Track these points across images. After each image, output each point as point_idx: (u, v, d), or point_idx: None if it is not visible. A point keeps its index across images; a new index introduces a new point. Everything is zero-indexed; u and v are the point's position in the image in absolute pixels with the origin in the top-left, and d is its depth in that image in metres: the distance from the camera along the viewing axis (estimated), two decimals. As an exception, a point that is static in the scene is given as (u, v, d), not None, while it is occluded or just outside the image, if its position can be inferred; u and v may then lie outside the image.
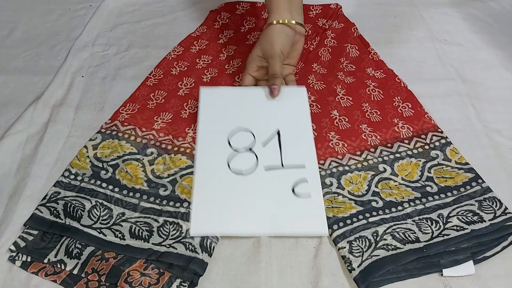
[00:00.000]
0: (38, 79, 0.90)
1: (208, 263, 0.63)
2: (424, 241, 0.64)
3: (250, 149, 0.73)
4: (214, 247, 0.64)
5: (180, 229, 0.66)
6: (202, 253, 0.63)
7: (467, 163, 0.74)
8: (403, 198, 0.70)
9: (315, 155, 0.73)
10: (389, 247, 0.63)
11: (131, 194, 0.70)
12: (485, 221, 0.65)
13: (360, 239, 0.65)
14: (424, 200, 0.70)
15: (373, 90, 0.87)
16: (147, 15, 1.06)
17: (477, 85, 0.90)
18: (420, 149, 0.77)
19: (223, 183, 0.70)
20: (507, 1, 1.11)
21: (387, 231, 0.65)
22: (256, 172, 0.71)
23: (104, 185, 0.71)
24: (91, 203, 0.68)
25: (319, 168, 0.73)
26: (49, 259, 0.62)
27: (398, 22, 1.05)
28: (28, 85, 0.89)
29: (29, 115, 0.82)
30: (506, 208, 0.67)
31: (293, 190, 0.69)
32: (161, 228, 0.66)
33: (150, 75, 0.89)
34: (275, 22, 0.77)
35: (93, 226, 0.66)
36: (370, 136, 0.79)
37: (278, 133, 0.75)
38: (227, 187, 0.69)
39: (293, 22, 0.78)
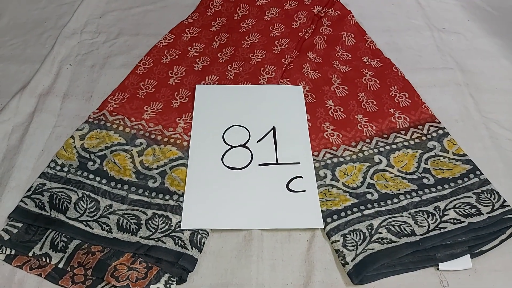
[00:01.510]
0: (24, 68, 0.88)
1: (198, 259, 0.61)
2: (420, 235, 0.62)
3: (245, 145, 0.72)
4: (204, 243, 0.63)
5: (169, 222, 0.64)
6: (192, 248, 0.61)
7: (465, 155, 0.72)
8: (399, 190, 0.68)
9: (311, 152, 0.72)
10: (384, 240, 0.62)
11: (119, 186, 0.68)
12: (483, 214, 0.64)
13: (354, 232, 0.63)
14: (420, 192, 0.68)
15: (370, 80, 0.85)
16: (137, 1, 1.03)
17: (476, 74, 0.88)
18: (417, 140, 0.75)
19: (216, 177, 0.69)
20: (507, -11, 1.09)
21: (382, 224, 0.64)
22: (250, 167, 0.70)
23: (91, 176, 0.69)
24: (78, 195, 0.66)
25: (313, 159, 0.72)
26: (34, 253, 0.61)
27: (396, 10, 1.02)
28: (14, 73, 0.87)
29: (14, 104, 0.79)
30: (504, 201, 0.65)
31: (287, 186, 0.68)
32: (150, 221, 0.64)
33: (140, 63, 0.87)
34: None
35: (79, 218, 0.64)
36: (365, 126, 0.77)
37: (274, 130, 0.74)
38: (220, 182, 0.69)
39: None
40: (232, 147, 0.73)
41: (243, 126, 0.76)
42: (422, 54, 0.91)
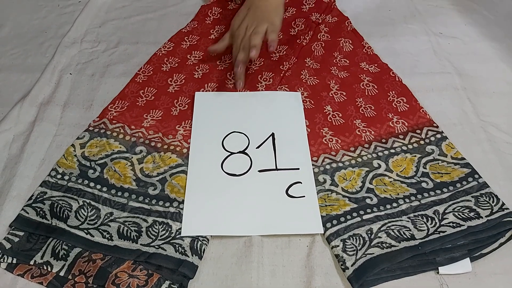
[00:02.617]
0: (25, 77, 0.88)
1: (198, 266, 0.61)
2: (420, 239, 0.62)
3: (244, 151, 0.73)
4: (204, 249, 0.63)
5: (169, 229, 0.64)
6: (192, 256, 0.61)
7: (463, 158, 0.73)
8: (398, 194, 0.68)
9: (310, 158, 0.73)
10: (383, 245, 0.62)
11: (119, 193, 0.69)
12: (482, 217, 0.64)
13: (354, 237, 0.63)
14: (419, 196, 0.68)
15: (367, 85, 0.85)
16: (137, 10, 1.04)
17: (473, 78, 0.88)
18: (415, 144, 0.75)
19: (215, 184, 0.69)
20: (503, -7, 1.10)
21: (381, 229, 0.64)
22: (250, 173, 0.71)
23: (92, 184, 0.69)
24: (78, 203, 0.67)
25: (312, 165, 0.72)
26: (35, 261, 0.61)
27: (393, 15, 1.03)
28: (15, 83, 0.88)
29: (15, 113, 0.80)
30: (503, 204, 0.66)
31: (287, 192, 0.68)
32: (150, 228, 0.64)
33: (140, 71, 0.88)
34: None
35: (80, 226, 0.64)
36: (364, 131, 0.77)
37: (273, 136, 0.75)
38: (220, 188, 0.69)
39: None
40: (232, 153, 0.73)
41: (242, 133, 0.76)
42: (420, 59, 0.92)
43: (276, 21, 0.82)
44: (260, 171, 0.71)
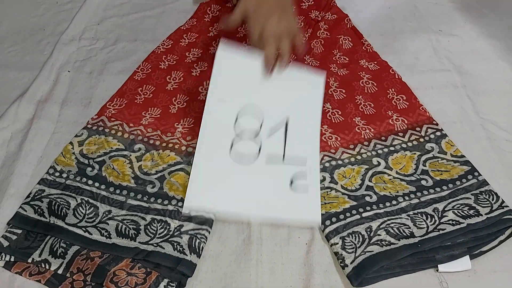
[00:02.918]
0: (23, 75, 0.88)
1: (197, 264, 0.61)
2: (419, 236, 0.62)
3: (255, 137, 0.69)
4: (202, 248, 0.63)
5: (168, 227, 0.64)
6: (191, 254, 0.61)
7: (463, 156, 0.72)
8: (398, 192, 0.68)
9: (318, 150, 0.71)
10: (383, 242, 0.62)
11: (118, 191, 0.68)
12: (482, 215, 0.64)
13: (353, 235, 0.63)
14: (419, 194, 0.68)
15: (367, 82, 0.85)
16: (135, 8, 1.04)
17: (472, 76, 0.88)
18: (415, 142, 0.75)
19: (222, 167, 0.67)
20: (503, -9, 1.10)
21: (381, 226, 0.64)
22: (256, 163, 0.68)
23: (90, 182, 0.69)
24: (77, 201, 0.67)
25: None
26: (33, 259, 0.61)
27: (392, 13, 1.03)
28: (13, 81, 0.87)
29: (13, 111, 0.80)
30: (503, 202, 0.65)
31: (291, 183, 0.67)
32: (149, 226, 0.64)
33: (138, 69, 0.87)
34: None
35: (78, 224, 0.64)
36: (363, 129, 0.77)
37: (286, 124, 0.71)
38: (225, 173, 0.67)
39: None
40: (242, 138, 0.69)
41: (257, 113, 0.71)
42: (419, 57, 0.92)
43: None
44: (267, 161, 0.68)
